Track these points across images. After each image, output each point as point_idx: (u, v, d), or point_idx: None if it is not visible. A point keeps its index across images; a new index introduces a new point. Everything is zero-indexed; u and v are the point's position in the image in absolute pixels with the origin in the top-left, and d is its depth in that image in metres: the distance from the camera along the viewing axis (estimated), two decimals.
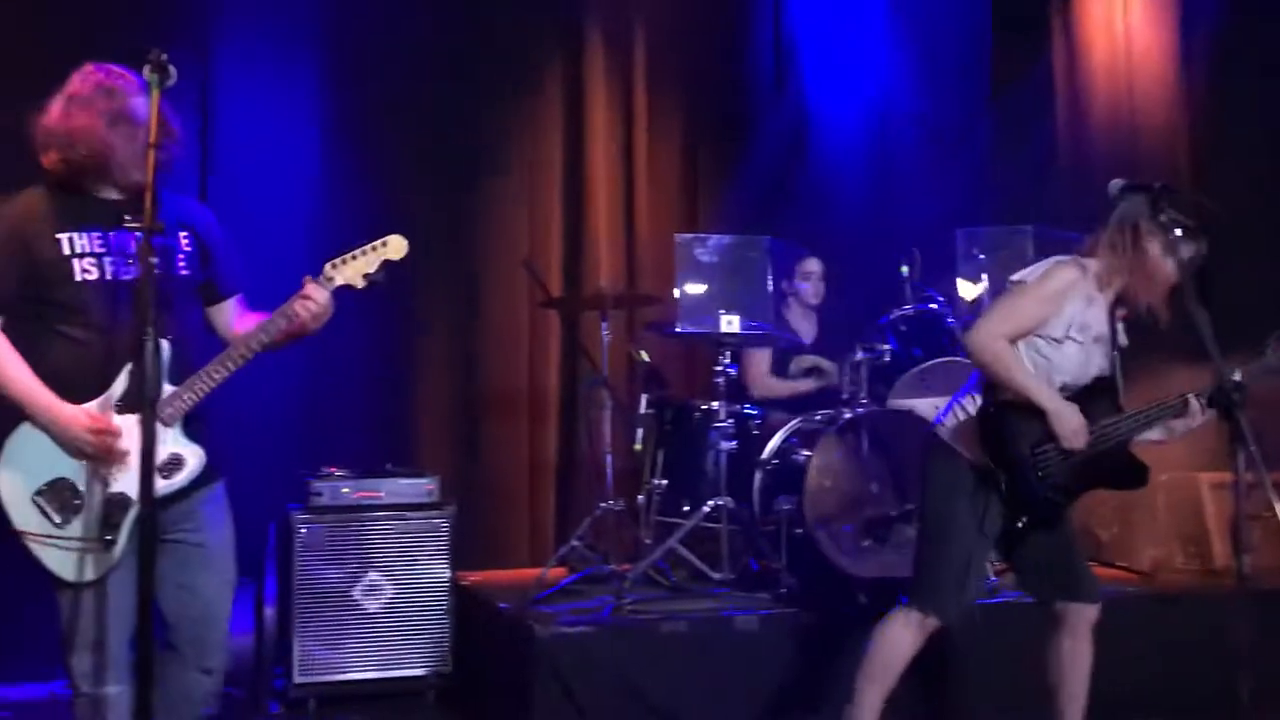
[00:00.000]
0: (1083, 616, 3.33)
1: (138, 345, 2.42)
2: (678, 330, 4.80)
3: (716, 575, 4.53)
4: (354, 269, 2.87)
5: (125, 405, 2.71)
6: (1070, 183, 5.94)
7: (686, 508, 4.73)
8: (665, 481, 4.85)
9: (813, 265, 5.38)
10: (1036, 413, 3.15)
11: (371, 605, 4.35)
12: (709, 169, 6.23)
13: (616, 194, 5.97)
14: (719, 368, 4.68)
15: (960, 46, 6.09)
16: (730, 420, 4.65)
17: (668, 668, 3.96)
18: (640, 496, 4.83)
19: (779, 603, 4.33)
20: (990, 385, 3.26)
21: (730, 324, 4.58)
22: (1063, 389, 3.23)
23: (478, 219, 5.70)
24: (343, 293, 2.89)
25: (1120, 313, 3.35)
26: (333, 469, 4.54)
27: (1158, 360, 4.26)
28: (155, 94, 2.55)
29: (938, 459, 3.31)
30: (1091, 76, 6.01)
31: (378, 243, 2.89)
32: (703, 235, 4.93)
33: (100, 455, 2.67)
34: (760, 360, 5.28)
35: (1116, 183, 3.30)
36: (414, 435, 5.50)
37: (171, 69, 2.57)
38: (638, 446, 4.94)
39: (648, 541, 4.73)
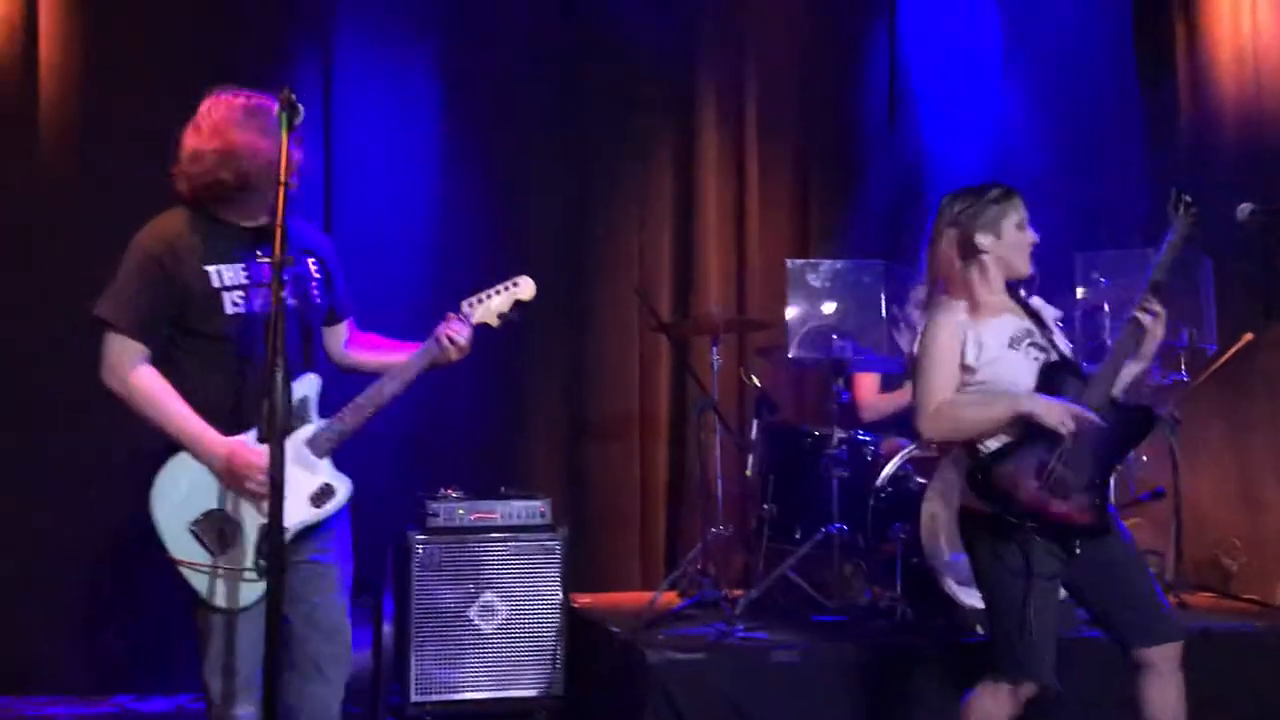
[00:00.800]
0: (1164, 657, 3.14)
1: (273, 376, 2.46)
2: (790, 355, 4.78)
3: (829, 603, 4.49)
4: (490, 308, 3.02)
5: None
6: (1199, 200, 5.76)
7: (798, 534, 4.71)
8: (777, 507, 4.82)
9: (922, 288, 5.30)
10: (1017, 443, 3.03)
11: (486, 626, 4.41)
12: (820, 194, 6.20)
13: (727, 218, 5.98)
14: (832, 393, 4.65)
15: (1094, 75, 5.95)
16: (843, 446, 4.61)
17: (779, 696, 3.93)
18: (751, 522, 4.81)
19: (893, 632, 4.28)
20: (970, 448, 3.13)
21: (843, 350, 4.55)
22: None
23: (589, 242, 5.75)
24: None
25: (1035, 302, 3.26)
26: (448, 490, 4.62)
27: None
28: (285, 133, 2.58)
29: (969, 526, 3.18)
30: (1220, 90, 5.82)
31: (509, 283, 3.05)
32: (815, 260, 4.91)
33: (253, 487, 2.71)
34: (870, 384, 5.24)
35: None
36: (525, 458, 5.55)
37: (300, 107, 2.61)
38: (749, 472, 4.93)
39: (759, 568, 4.71)
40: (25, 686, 4.69)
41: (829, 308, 4.75)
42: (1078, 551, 3.06)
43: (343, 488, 2.86)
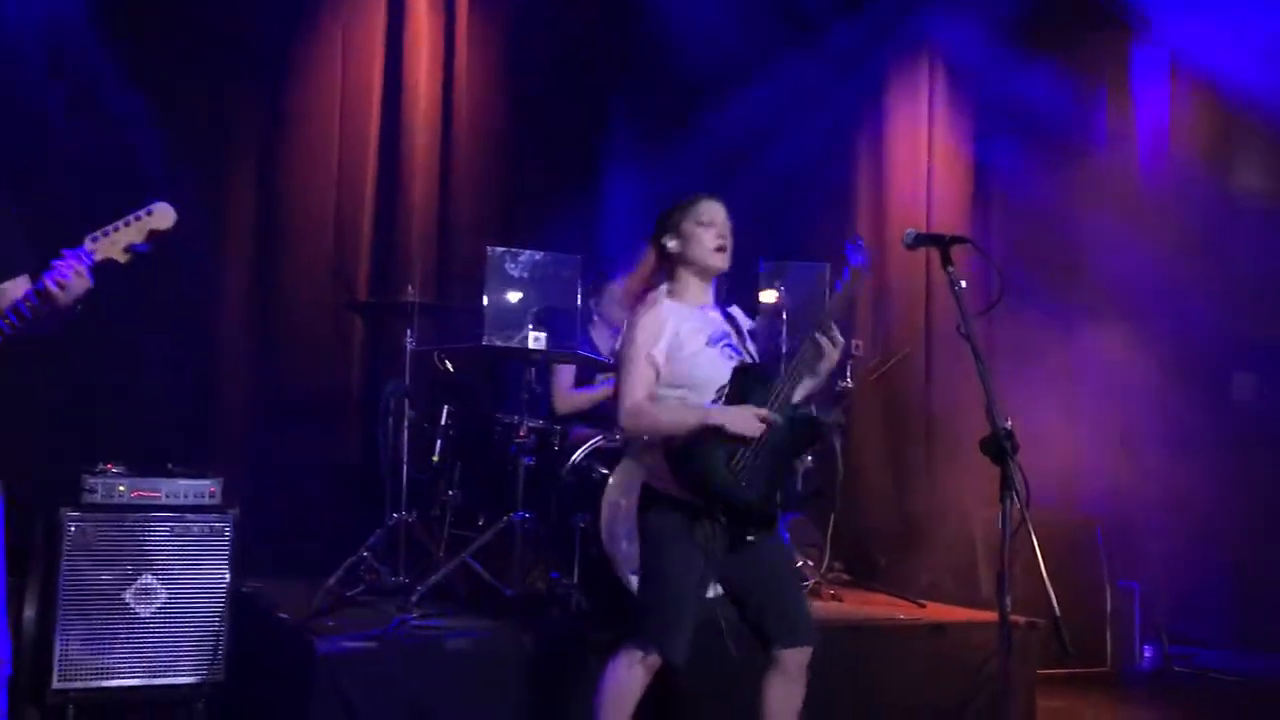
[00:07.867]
0: (796, 659, 3.33)
1: None
2: (484, 343, 4.76)
3: (508, 591, 4.51)
4: (116, 241, 2.61)
5: None
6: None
7: (482, 521, 4.70)
8: (462, 494, 4.79)
9: (618, 285, 5.40)
10: (714, 432, 3.20)
11: (143, 609, 4.17)
12: (529, 181, 6.22)
13: (431, 197, 5.88)
14: (523, 383, 4.67)
15: None
16: (531, 435, 4.64)
17: (452, 685, 3.90)
18: (435, 509, 4.76)
19: (567, 620, 4.34)
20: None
21: (537, 340, 4.57)
22: (716, 398, 3.30)
23: (285, 208, 5.53)
24: (119, 271, 2.65)
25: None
26: (109, 466, 4.32)
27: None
28: None
29: (650, 501, 3.32)
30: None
31: (141, 212, 2.64)
32: (515, 250, 4.92)
33: None
34: (564, 376, 5.29)
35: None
36: (208, 436, 5.30)
37: None
38: (436, 458, 4.87)
39: (440, 555, 4.67)
40: None
41: (526, 298, 4.77)
42: (750, 539, 3.24)
43: None
